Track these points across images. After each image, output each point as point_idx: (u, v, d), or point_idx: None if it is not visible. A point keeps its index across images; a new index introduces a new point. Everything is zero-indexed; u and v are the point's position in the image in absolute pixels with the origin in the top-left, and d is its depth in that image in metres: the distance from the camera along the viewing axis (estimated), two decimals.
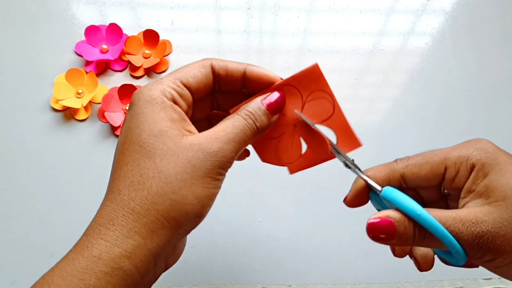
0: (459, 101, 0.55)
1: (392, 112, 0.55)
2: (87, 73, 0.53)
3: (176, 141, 0.26)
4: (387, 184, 0.29)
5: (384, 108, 0.55)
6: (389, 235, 0.26)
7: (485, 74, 0.57)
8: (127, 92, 0.51)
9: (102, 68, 0.54)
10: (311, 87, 0.29)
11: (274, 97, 0.29)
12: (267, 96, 0.29)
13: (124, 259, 0.24)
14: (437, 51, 0.58)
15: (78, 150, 0.50)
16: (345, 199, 0.31)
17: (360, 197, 0.30)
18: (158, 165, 0.26)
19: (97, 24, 0.55)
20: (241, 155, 0.33)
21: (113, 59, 0.54)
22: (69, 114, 0.52)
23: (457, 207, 0.28)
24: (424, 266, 0.31)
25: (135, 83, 0.53)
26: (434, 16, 0.61)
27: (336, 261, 0.47)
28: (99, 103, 0.52)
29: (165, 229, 0.25)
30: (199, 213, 0.26)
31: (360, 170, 0.30)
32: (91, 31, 0.54)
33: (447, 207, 0.31)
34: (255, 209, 0.48)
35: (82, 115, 0.52)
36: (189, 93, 0.29)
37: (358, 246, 0.47)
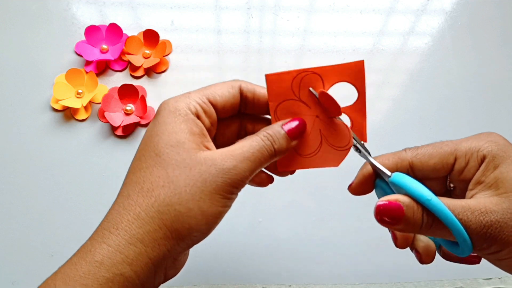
0: (459, 101, 0.55)
1: (392, 112, 0.55)
2: (87, 73, 0.53)
3: (191, 154, 0.26)
4: (394, 172, 0.29)
5: (384, 108, 0.55)
6: (397, 219, 0.25)
7: (485, 74, 0.57)
8: (127, 92, 0.51)
9: (102, 68, 0.54)
10: (337, 79, 0.29)
11: (294, 123, 0.29)
12: (288, 122, 0.29)
13: (125, 266, 0.24)
14: (437, 51, 0.58)
15: (78, 150, 0.50)
16: (350, 186, 0.31)
17: (365, 184, 0.30)
18: (169, 175, 0.26)
19: (97, 24, 0.55)
20: (264, 181, 0.33)
21: (113, 59, 0.54)
22: (69, 114, 0.52)
23: None
24: (425, 258, 0.31)
25: (135, 83, 0.53)
26: (434, 16, 0.61)
27: (336, 261, 0.47)
28: (99, 103, 0.52)
29: (167, 240, 0.25)
30: (203, 229, 0.26)
31: (370, 154, 0.29)
32: (91, 31, 0.54)
33: None
34: (255, 209, 0.48)
35: (82, 115, 0.52)
36: (213, 111, 0.29)
37: (358, 246, 0.47)
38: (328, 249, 0.47)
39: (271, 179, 0.34)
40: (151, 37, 0.55)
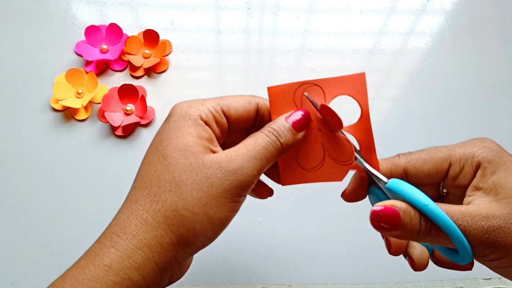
0: (459, 101, 0.55)
1: (392, 112, 0.55)
2: (87, 73, 0.53)
3: (197, 158, 0.26)
4: (389, 178, 0.29)
5: (384, 108, 0.55)
6: (393, 225, 0.25)
7: (485, 74, 0.57)
8: (127, 92, 0.51)
9: (102, 68, 0.54)
10: (338, 92, 0.29)
11: (298, 115, 0.28)
12: (291, 114, 0.28)
13: (133, 271, 0.24)
14: (437, 51, 0.58)
15: (78, 150, 0.50)
16: (344, 192, 0.31)
17: (359, 190, 0.30)
18: (176, 179, 0.26)
19: (97, 24, 0.55)
20: (264, 193, 0.33)
21: (113, 59, 0.54)
22: (69, 114, 0.52)
23: None
24: (419, 266, 0.30)
25: (135, 83, 0.53)
26: (434, 16, 0.61)
27: (336, 261, 0.47)
28: (99, 103, 0.52)
29: (173, 245, 0.25)
30: (208, 235, 0.26)
31: (365, 160, 0.29)
32: (91, 31, 0.54)
33: None
34: (255, 209, 0.48)
35: (82, 115, 0.52)
36: (225, 122, 0.29)
37: (358, 246, 0.47)
38: (328, 249, 0.47)
39: (271, 192, 0.33)
40: (151, 37, 0.55)
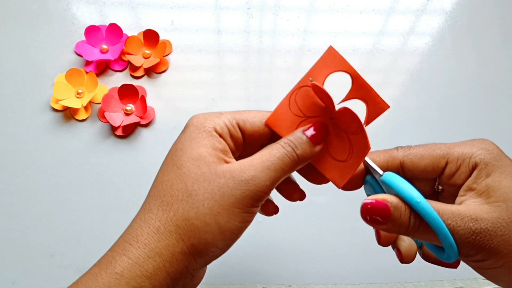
0: (459, 101, 0.55)
1: (392, 112, 0.54)
2: (87, 73, 0.53)
3: (210, 168, 0.26)
4: (385, 170, 0.29)
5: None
6: (383, 219, 0.25)
7: (485, 74, 0.57)
8: (127, 92, 0.51)
9: (102, 68, 0.54)
10: (323, 76, 0.29)
11: (316, 127, 0.28)
12: (309, 127, 0.28)
13: (145, 279, 0.24)
14: (437, 51, 0.58)
15: (78, 150, 0.50)
16: None
17: (355, 179, 0.30)
18: (188, 189, 0.26)
19: (97, 24, 0.55)
20: (269, 211, 0.33)
21: (113, 59, 0.54)
22: (69, 114, 0.52)
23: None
24: (406, 258, 0.31)
25: (135, 83, 0.53)
26: (434, 16, 0.61)
27: (336, 261, 0.47)
28: (99, 103, 0.52)
29: (184, 255, 0.25)
30: (220, 245, 0.26)
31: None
32: (91, 31, 0.54)
33: None
34: None
35: (82, 115, 0.52)
36: (240, 136, 0.29)
37: (358, 246, 0.47)
38: (328, 249, 0.47)
39: (276, 209, 0.33)
40: (151, 37, 0.55)
